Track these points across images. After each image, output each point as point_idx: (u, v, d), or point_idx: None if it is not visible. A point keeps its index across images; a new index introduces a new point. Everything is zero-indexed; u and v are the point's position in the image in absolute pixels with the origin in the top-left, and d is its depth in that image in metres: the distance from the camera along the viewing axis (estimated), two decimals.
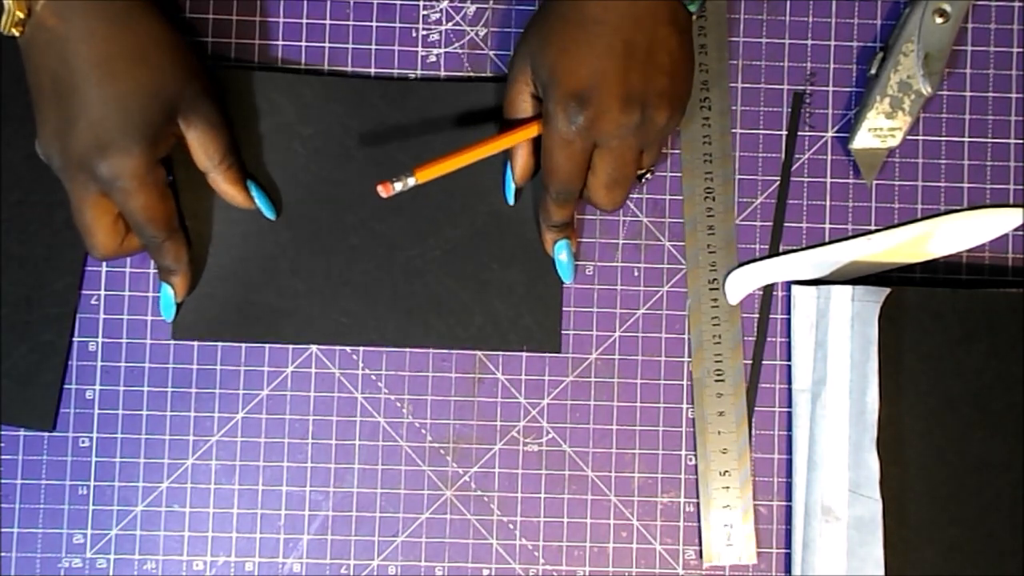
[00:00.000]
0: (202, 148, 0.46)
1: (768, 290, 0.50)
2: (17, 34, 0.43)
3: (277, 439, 0.50)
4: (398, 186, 0.44)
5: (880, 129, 0.49)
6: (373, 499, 0.50)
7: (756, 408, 0.50)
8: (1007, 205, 0.51)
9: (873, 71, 0.50)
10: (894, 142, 0.50)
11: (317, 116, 0.50)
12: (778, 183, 0.51)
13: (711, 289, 0.50)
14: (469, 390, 0.50)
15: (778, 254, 0.50)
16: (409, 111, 0.50)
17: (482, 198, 0.50)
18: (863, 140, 0.50)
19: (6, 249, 0.49)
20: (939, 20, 0.48)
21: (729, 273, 0.50)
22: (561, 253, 0.49)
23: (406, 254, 0.50)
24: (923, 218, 0.51)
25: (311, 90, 0.50)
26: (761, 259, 0.50)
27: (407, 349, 0.50)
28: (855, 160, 0.50)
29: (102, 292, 0.50)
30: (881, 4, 0.51)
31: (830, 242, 0.50)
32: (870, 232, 0.50)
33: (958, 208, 0.51)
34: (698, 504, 0.50)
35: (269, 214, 0.49)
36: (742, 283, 0.50)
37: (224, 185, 0.47)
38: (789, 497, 0.50)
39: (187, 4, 0.50)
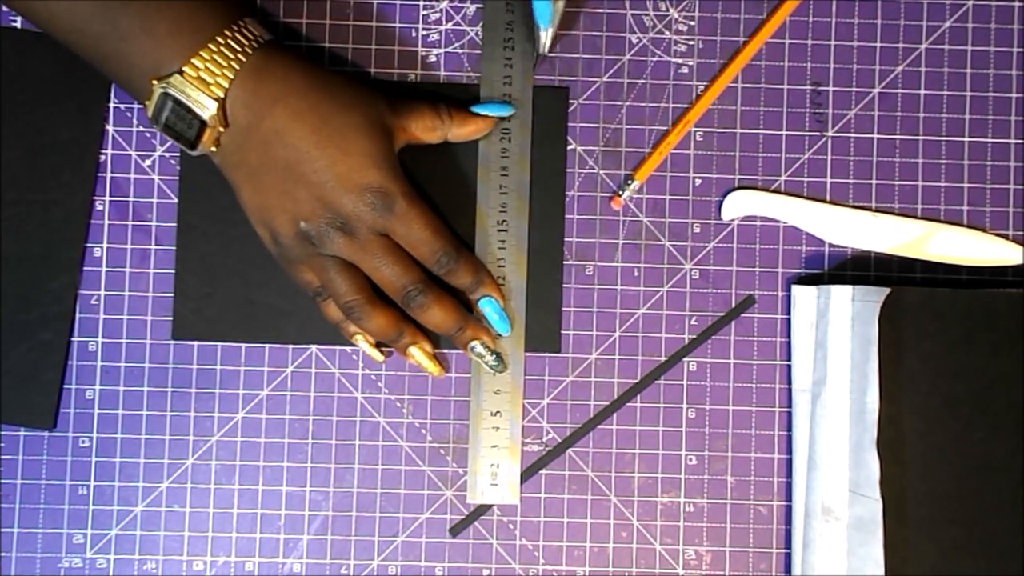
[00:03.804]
0: (424, 130, 0.47)
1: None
2: (214, 149, 0.44)
3: (277, 439, 0.50)
4: (626, 195, 0.49)
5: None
6: (373, 499, 0.50)
7: (756, 408, 0.50)
8: (1007, 236, 0.51)
9: None
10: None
11: None
12: (778, 183, 0.51)
13: (499, 231, 0.50)
14: (469, 390, 0.50)
15: (782, 192, 0.51)
16: None
17: (482, 199, 0.50)
18: None
19: (4, 248, 0.49)
20: None
21: (729, 192, 0.50)
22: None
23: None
24: (926, 218, 0.51)
25: None
26: (763, 189, 0.50)
27: None
28: None
29: (102, 292, 0.50)
30: (882, 4, 0.51)
31: (832, 202, 0.50)
32: (874, 211, 0.50)
33: (959, 208, 0.51)
34: (466, 447, 0.50)
35: (508, 111, 0.49)
36: (739, 204, 0.50)
37: (463, 130, 0.48)
38: (789, 497, 0.50)
39: None
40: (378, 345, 0.49)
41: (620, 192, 0.50)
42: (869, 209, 0.51)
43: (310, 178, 0.43)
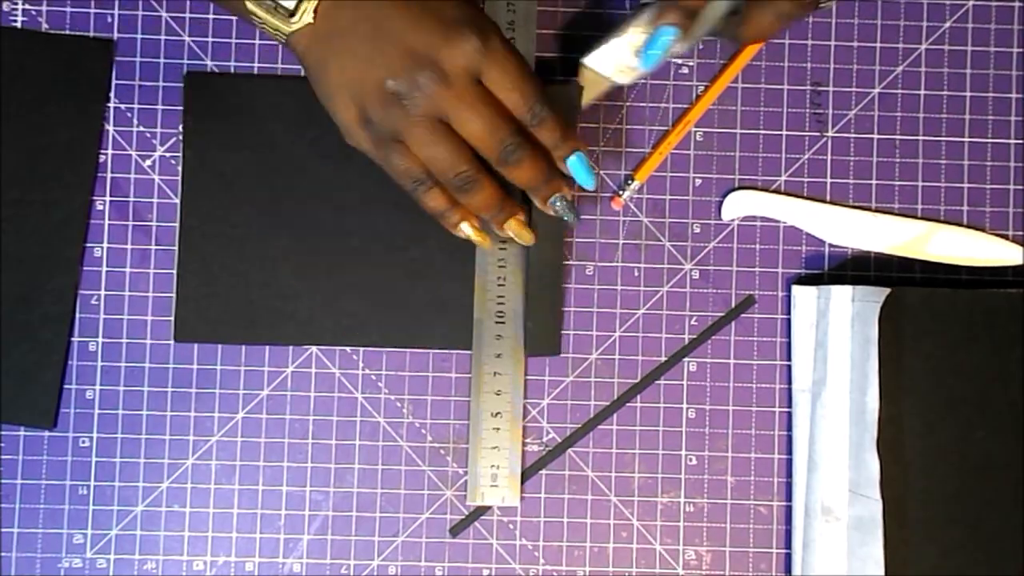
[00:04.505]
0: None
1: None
2: (311, 20, 0.42)
3: (277, 439, 0.50)
4: (626, 194, 0.50)
5: (620, 63, 0.46)
6: (373, 499, 0.50)
7: (756, 408, 0.50)
8: (1007, 236, 0.51)
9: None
10: (624, 80, 0.47)
11: (319, 118, 0.50)
12: (778, 183, 0.51)
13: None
14: (469, 390, 0.50)
15: (781, 193, 0.51)
16: None
17: None
18: (599, 62, 0.46)
19: (4, 248, 0.49)
20: None
21: (729, 192, 0.50)
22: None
23: (407, 255, 0.50)
24: (926, 218, 0.51)
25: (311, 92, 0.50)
26: (763, 189, 0.50)
27: (407, 349, 0.50)
28: (581, 74, 0.47)
29: (102, 292, 0.50)
30: (882, 4, 0.51)
31: (832, 202, 0.50)
32: (873, 211, 0.50)
33: (959, 208, 0.51)
34: (466, 448, 0.50)
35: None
36: (739, 204, 0.50)
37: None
38: (789, 497, 0.50)
39: (187, 4, 0.50)
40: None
41: (620, 192, 0.50)
42: (869, 209, 0.51)
43: (401, 30, 0.41)
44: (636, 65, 0.45)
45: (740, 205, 0.50)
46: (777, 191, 0.51)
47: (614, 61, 0.46)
